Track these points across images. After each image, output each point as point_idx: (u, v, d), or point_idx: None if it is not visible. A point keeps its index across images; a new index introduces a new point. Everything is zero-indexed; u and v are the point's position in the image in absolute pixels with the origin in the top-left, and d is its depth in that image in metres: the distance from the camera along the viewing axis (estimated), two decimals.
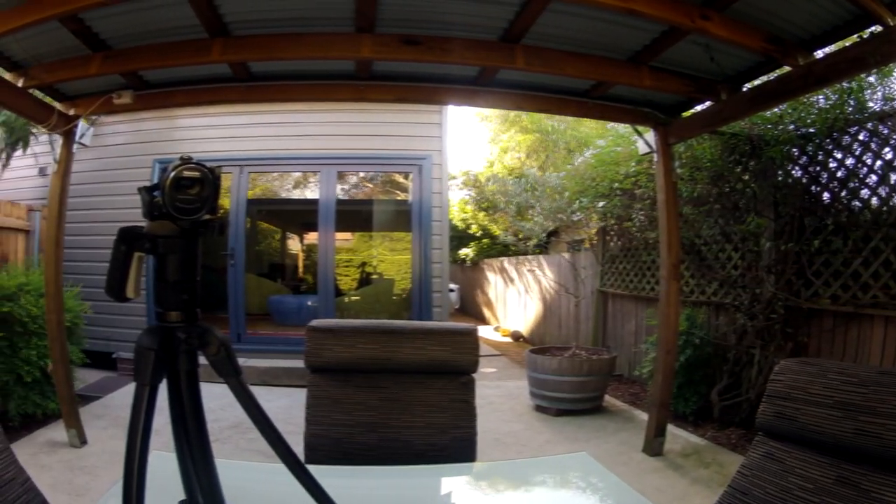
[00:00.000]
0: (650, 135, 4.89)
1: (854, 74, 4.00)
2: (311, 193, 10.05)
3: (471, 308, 18.45)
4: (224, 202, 8.04)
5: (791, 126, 5.01)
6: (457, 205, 18.71)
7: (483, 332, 12.68)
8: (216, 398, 1.42)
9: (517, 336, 12.91)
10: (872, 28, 3.24)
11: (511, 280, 13.91)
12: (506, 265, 14.38)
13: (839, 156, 4.79)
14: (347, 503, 1.23)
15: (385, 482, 1.90)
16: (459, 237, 17.89)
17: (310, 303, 9.04)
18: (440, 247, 8.16)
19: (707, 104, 4.62)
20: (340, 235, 10.46)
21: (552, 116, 14.35)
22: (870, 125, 4.55)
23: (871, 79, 4.53)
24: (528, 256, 11.69)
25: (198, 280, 1.20)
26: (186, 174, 1.11)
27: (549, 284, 10.85)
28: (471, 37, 3.88)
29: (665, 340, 4.83)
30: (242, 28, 3.78)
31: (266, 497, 1.73)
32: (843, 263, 4.53)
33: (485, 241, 17.21)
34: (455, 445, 2.15)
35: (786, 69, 3.79)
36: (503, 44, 3.90)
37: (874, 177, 4.52)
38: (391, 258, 10.76)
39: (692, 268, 6.17)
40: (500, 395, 6.99)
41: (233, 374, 1.19)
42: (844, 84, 4.48)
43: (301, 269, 14.23)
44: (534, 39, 3.86)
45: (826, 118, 4.68)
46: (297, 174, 10.83)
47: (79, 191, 6.71)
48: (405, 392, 2.19)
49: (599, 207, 7.91)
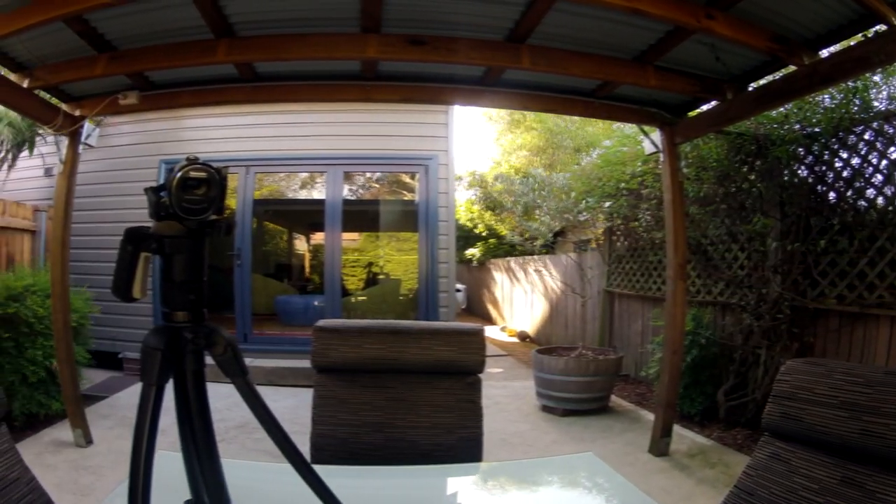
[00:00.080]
0: (656, 135, 4.88)
1: (859, 74, 3.98)
2: (318, 194, 10.04)
3: (477, 308, 18.41)
4: (230, 202, 8.05)
5: (797, 126, 4.99)
6: (463, 205, 18.67)
7: (489, 333, 12.68)
8: (222, 398, 1.42)
9: (523, 336, 12.89)
10: (877, 27, 3.23)
11: (517, 280, 13.88)
12: (512, 265, 14.35)
13: (845, 155, 4.77)
14: (354, 503, 1.23)
15: (391, 482, 1.90)
16: (466, 237, 17.86)
17: (316, 303, 9.05)
18: (447, 247, 8.16)
19: (713, 104, 4.61)
20: (347, 235, 10.45)
21: (558, 116, 14.32)
22: (875, 124, 4.53)
23: (877, 78, 4.52)
24: (535, 256, 11.67)
25: (204, 280, 1.20)
26: (193, 174, 1.11)
27: (556, 284, 10.83)
28: (476, 37, 3.88)
29: (671, 340, 4.82)
30: (248, 28, 3.79)
31: (272, 497, 1.74)
32: (849, 263, 4.51)
33: (491, 241, 17.18)
34: (461, 445, 2.15)
35: (791, 69, 3.79)
36: (509, 44, 3.90)
37: (880, 176, 4.51)
38: (398, 258, 10.73)
39: (698, 268, 6.15)
40: (507, 396, 6.98)
41: (239, 374, 1.20)
42: (850, 83, 4.46)
43: (307, 270, 14.22)
44: (539, 39, 3.85)
45: (832, 118, 4.66)
46: (304, 174, 10.83)
47: (85, 191, 6.74)
48: (411, 392, 2.19)
49: (606, 207, 7.90)
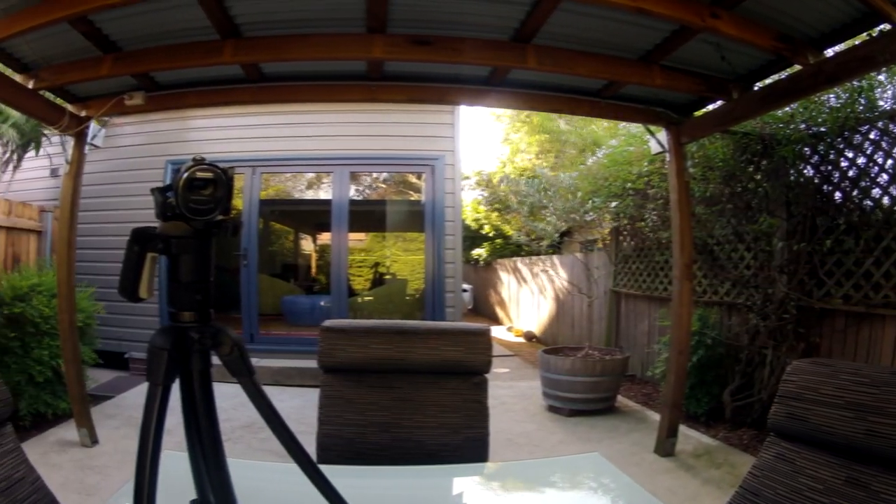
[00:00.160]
0: (662, 134, 4.87)
1: (864, 73, 3.97)
2: (324, 194, 10.04)
3: (484, 308, 18.40)
4: (237, 203, 8.07)
5: (802, 125, 4.96)
6: (470, 205, 18.70)
7: (496, 333, 12.69)
8: (228, 398, 1.42)
9: (530, 336, 12.87)
10: (881, 26, 3.22)
11: (524, 280, 13.86)
12: (519, 265, 14.33)
13: (850, 155, 4.76)
14: (360, 503, 1.23)
15: (397, 482, 1.90)
16: (472, 237, 17.87)
17: (323, 303, 9.06)
18: (453, 247, 8.15)
19: (719, 103, 4.59)
20: (353, 236, 10.44)
21: (564, 116, 14.30)
22: (881, 124, 4.51)
23: (882, 77, 4.50)
24: (541, 256, 11.65)
25: (211, 280, 1.20)
26: (199, 175, 1.12)
27: (562, 285, 10.81)
28: (482, 37, 3.88)
29: (677, 341, 4.80)
30: (254, 29, 3.79)
31: (278, 497, 1.74)
32: (855, 263, 4.49)
33: (498, 242, 17.18)
34: (467, 446, 2.15)
35: (796, 68, 3.77)
36: (514, 44, 3.89)
37: (885, 176, 4.49)
38: (404, 258, 10.75)
39: (705, 268, 6.13)
40: (513, 396, 6.98)
41: (246, 374, 1.20)
42: (855, 83, 4.44)
43: (314, 270, 14.23)
44: (545, 39, 3.85)
45: (837, 117, 4.64)
46: (310, 175, 10.83)
47: (91, 192, 6.76)
48: (418, 392, 2.19)
49: (612, 207, 7.88)
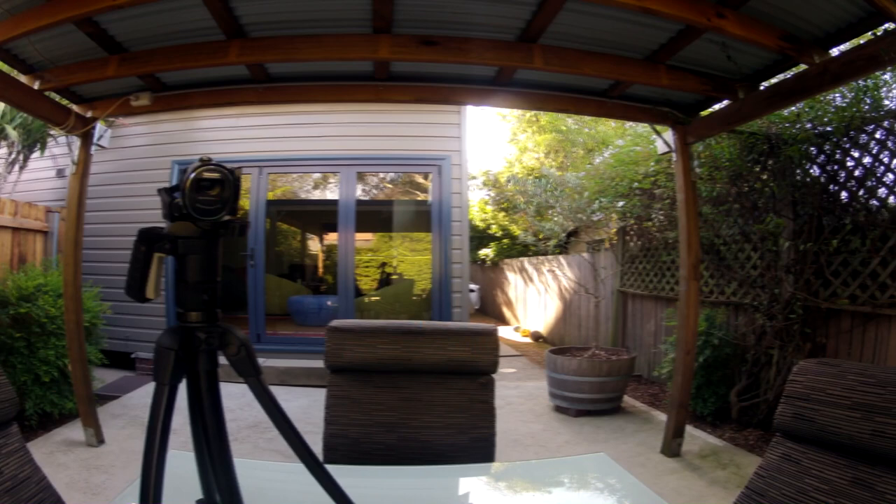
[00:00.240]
0: (668, 134, 4.86)
1: (870, 72, 3.93)
2: (331, 194, 10.03)
3: (491, 308, 18.39)
4: (244, 203, 8.09)
5: (808, 125, 4.95)
6: (477, 205, 18.72)
7: (503, 333, 12.69)
8: (235, 398, 1.43)
9: (537, 336, 12.86)
10: (886, 25, 3.20)
11: (531, 280, 13.85)
12: (526, 265, 14.32)
13: (856, 154, 4.74)
14: (366, 503, 1.23)
15: (403, 482, 1.90)
16: (479, 237, 17.88)
17: (329, 303, 9.08)
18: (460, 247, 8.14)
19: (725, 103, 4.58)
20: (360, 236, 10.45)
21: (571, 116, 14.29)
22: (886, 123, 4.49)
23: (887, 76, 4.48)
24: (548, 257, 11.62)
25: (218, 281, 1.20)
26: (206, 175, 1.12)
27: (569, 285, 10.80)
28: (488, 37, 3.88)
29: (684, 341, 4.79)
30: (259, 30, 3.80)
31: (284, 496, 1.74)
32: (861, 263, 4.47)
33: (505, 242, 17.18)
34: (474, 446, 2.15)
35: (802, 67, 3.75)
36: (521, 43, 3.89)
37: (891, 175, 4.46)
38: (411, 258, 10.74)
39: (711, 268, 6.12)
40: (520, 396, 6.97)
41: (253, 374, 1.20)
42: (860, 82, 4.42)
43: (321, 270, 14.23)
44: (551, 39, 3.85)
45: (843, 116, 4.63)
46: (317, 175, 10.84)
47: (97, 192, 6.79)
48: (424, 392, 2.20)
49: (619, 207, 7.87)
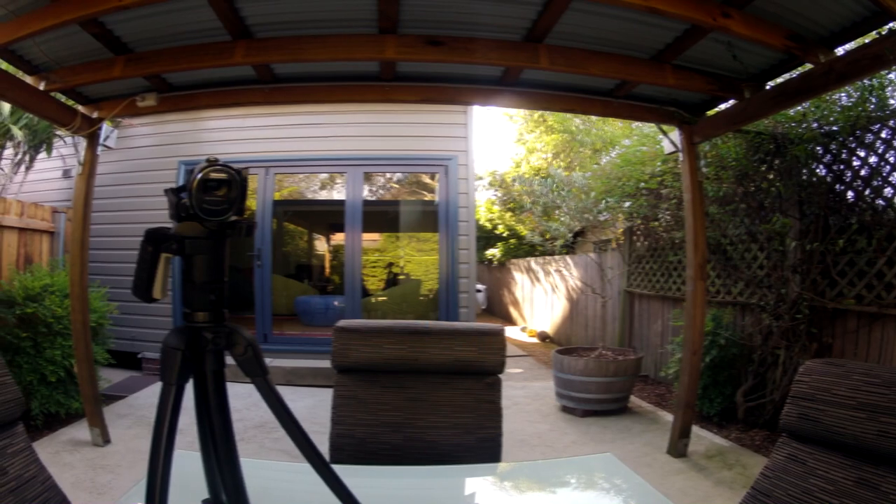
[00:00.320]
0: (675, 134, 4.85)
1: (875, 71, 3.92)
2: (338, 194, 10.05)
3: (498, 308, 18.36)
4: (250, 203, 8.11)
5: (814, 124, 4.93)
6: (483, 205, 18.71)
7: (510, 333, 12.70)
8: (241, 398, 1.43)
9: (544, 336, 12.84)
10: (890, 24, 3.19)
11: (538, 280, 13.82)
12: (532, 265, 14.28)
13: (862, 154, 4.72)
14: (372, 503, 1.24)
15: (410, 482, 1.90)
16: (486, 237, 17.86)
17: (336, 303, 9.08)
18: (467, 247, 8.14)
19: (731, 103, 4.56)
20: (367, 236, 10.46)
21: (578, 116, 14.27)
22: (892, 122, 4.46)
23: (893, 76, 4.46)
24: (555, 257, 11.62)
25: (225, 281, 1.20)
26: (213, 176, 1.12)
27: (576, 285, 10.79)
28: (494, 37, 3.87)
29: (691, 341, 4.77)
30: (265, 30, 3.81)
31: (291, 496, 1.75)
32: (868, 263, 4.45)
33: (511, 242, 17.17)
34: (480, 446, 2.15)
35: (808, 67, 3.74)
36: (526, 43, 3.88)
37: None
38: (418, 259, 10.73)
39: (718, 268, 6.09)
40: (527, 396, 6.97)
41: (259, 374, 1.20)
42: (866, 81, 4.40)
43: (328, 270, 14.26)
44: (557, 39, 3.84)
45: (849, 116, 4.61)
46: (324, 175, 10.86)
47: (104, 192, 6.81)
48: (431, 392, 2.20)
49: (625, 207, 7.84)
